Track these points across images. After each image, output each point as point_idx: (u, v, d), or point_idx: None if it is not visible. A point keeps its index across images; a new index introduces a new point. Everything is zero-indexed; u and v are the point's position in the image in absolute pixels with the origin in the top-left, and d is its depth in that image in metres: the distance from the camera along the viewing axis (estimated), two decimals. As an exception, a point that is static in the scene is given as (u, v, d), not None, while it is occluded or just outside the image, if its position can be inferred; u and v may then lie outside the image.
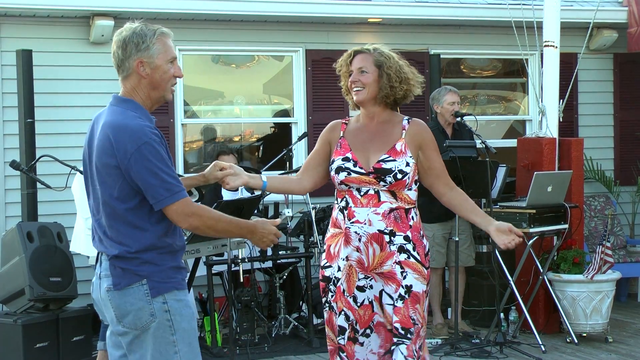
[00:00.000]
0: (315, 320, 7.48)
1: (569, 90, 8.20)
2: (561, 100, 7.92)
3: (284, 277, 7.69)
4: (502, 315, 7.30)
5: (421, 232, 4.17)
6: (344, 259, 4.13)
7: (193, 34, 8.24)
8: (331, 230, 4.22)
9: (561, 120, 8.00)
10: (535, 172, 7.35)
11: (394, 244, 4.08)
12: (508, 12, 8.16)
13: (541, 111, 7.91)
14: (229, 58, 8.73)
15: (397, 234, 4.08)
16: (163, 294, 3.45)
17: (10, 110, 7.78)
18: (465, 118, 7.59)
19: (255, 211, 7.16)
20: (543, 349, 7.01)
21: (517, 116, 10.15)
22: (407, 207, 4.12)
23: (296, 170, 7.79)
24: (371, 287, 4.10)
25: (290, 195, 7.92)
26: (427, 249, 4.16)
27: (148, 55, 3.50)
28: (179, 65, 3.67)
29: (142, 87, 3.54)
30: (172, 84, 3.58)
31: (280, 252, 7.47)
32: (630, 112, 9.90)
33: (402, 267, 4.08)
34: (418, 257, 4.11)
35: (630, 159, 9.82)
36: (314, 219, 7.44)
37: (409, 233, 4.10)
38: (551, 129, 7.83)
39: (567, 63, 8.84)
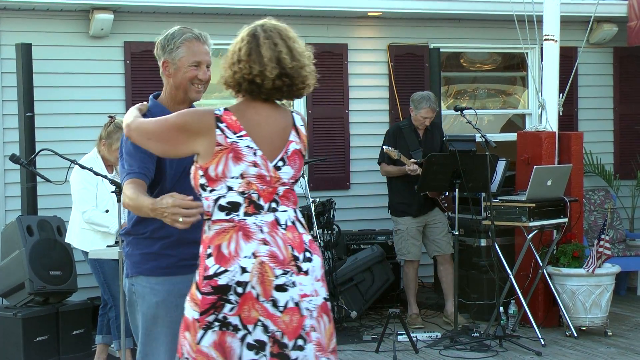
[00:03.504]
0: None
1: (568, 84, 8.19)
2: (561, 94, 7.92)
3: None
4: (501, 309, 7.31)
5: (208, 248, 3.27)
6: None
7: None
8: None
9: (561, 114, 7.99)
10: (535, 166, 7.35)
11: None
12: (508, 6, 8.14)
13: (541, 105, 7.91)
14: (228, 52, 8.73)
15: None
16: (131, 277, 3.69)
17: (10, 104, 7.77)
18: (465, 112, 7.60)
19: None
20: (542, 343, 7.02)
21: (517, 110, 10.15)
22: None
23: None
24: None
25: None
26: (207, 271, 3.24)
27: (171, 57, 3.70)
28: (207, 70, 3.73)
29: (168, 86, 3.76)
30: (195, 85, 3.71)
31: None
32: (630, 106, 9.90)
33: None
34: (197, 279, 3.27)
35: (630, 152, 9.82)
36: (313, 213, 7.45)
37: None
38: (551, 123, 7.83)
39: (567, 57, 8.83)
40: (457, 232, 7.33)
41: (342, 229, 8.18)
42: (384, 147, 7.73)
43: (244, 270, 3.18)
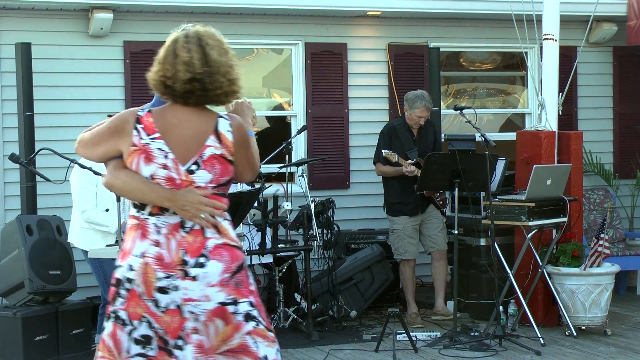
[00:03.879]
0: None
1: (568, 83, 8.19)
2: (560, 94, 7.91)
3: (284, 270, 7.70)
4: (501, 308, 7.31)
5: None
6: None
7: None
8: None
9: (560, 113, 7.99)
10: (534, 166, 7.35)
11: None
12: (508, 5, 8.14)
13: (540, 104, 7.91)
14: (228, 51, 8.70)
15: None
16: None
17: (10, 104, 7.77)
18: (464, 111, 7.60)
19: (256, 204, 7.16)
20: (542, 342, 7.02)
21: (516, 109, 10.15)
22: None
23: (296, 164, 7.86)
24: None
25: (289, 189, 7.93)
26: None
27: None
28: None
29: None
30: None
31: (279, 245, 7.48)
32: (629, 105, 9.90)
33: None
34: None
35: (629, 152, 9.82)
36: (313, 212, 7.45)
37: None
38: (550, 122, 7.83)
39: (567, 56, 8.83)
40: (456, 232, 7.33)
41: (342, 228, 8.18)
42: (383, 151, 7.72)
43: (131, 268, 3.33)
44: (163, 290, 3.30)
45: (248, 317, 3.38)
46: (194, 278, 3.30)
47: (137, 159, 3.36)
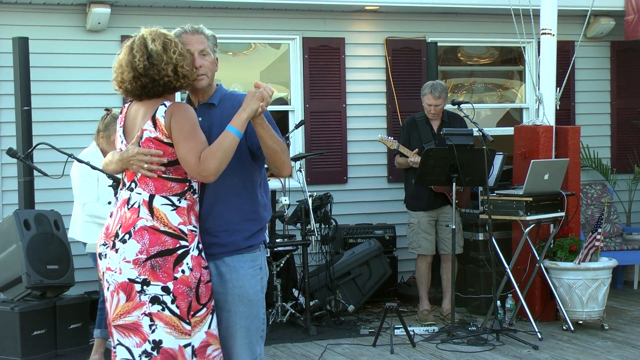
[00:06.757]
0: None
1: (566, 78, 8.20)
2: (558, 88, 7.92)
3: (281, 264, 7.70)
4: (498, 302, 7.32)
5: None
6: None
7: (189, 22, 8.20)
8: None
9: (558, 108, 8.00)
10: (532, 160, 7.36)
11: None
12: (506, 0, 8.14)
13: (538, 99, 7.91)
14: (225, 46, 8.70)
15: None
16: None
17: (7, 98, 7.77)
18: (462, 106, 7.61)
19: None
20: (539, 337, 7.03)
21: (514, 104, 10.15)
22: None
23: (294, 159, 7.85)
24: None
25: (287, 184, 7.93)
26: None
27: None
28: (198, 57, 3.89)
29: None
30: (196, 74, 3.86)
31: (277, 240, 7.48)
32: (627, 100, 9.90)
33: None
34: None
35: (626, 146, 9.83)
36: (311, 207, 7.45)
37: None
38: (548, 117, 7.83)
39: (565, 51, 8.83)
40: (454, 226, 7.34)
41: (340, 223, 8.18)
42: (379, 135, 7.69)
43: None
44: (100, 255, 3.79)
45: (155, 300, 3.65)
46: (116, 250, 3.69)
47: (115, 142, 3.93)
